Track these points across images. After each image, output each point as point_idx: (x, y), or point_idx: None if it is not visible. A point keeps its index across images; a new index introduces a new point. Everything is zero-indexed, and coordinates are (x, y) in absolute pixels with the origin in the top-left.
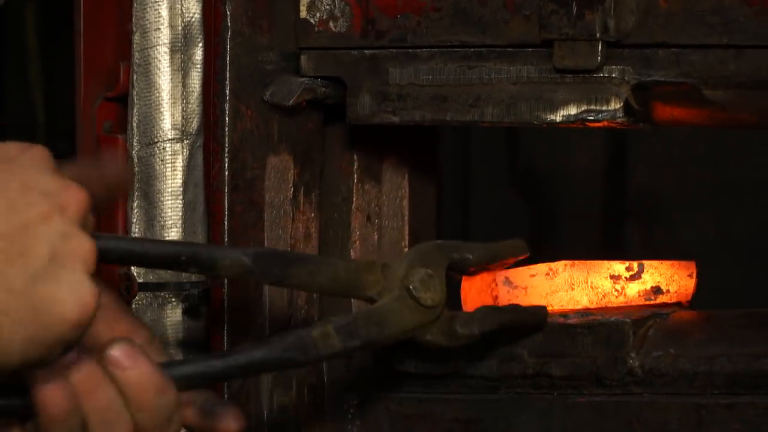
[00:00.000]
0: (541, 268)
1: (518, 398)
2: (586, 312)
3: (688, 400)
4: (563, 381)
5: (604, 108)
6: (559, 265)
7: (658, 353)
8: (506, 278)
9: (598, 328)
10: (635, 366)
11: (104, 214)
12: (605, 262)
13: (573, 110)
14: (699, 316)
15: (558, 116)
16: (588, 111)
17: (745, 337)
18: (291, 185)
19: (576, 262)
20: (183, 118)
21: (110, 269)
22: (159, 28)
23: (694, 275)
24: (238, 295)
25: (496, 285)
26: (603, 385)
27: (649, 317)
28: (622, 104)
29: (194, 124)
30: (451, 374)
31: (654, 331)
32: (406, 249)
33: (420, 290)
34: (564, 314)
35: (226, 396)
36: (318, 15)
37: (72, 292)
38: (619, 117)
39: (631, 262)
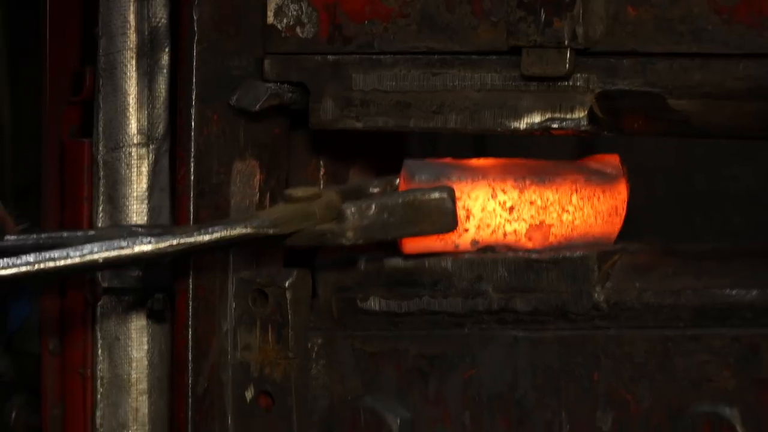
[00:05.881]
0: None
1: (484, 334)
2: (551, 247)
3: (654, 332)
4: (528, 316)
5: (568, 116)
6: None
7: (624, 287)
8: None
9: (563, 262)
10: (600, 300)
11: (69, 218)
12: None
13: (537, 118)
14: (664, 250)
15: (522, 124)
16: (552, 119)
17: (710, 270)
18: (257, 190)
19: None
20: (149, 122)
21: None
22: (125, 33)
23: None
24: (203, 300)
25: None
26: (568, 319)
27: (614, 252)
28: (586, 113)
29: (160, 128)
30: (416, 311)
31: (619, 265)
32: None
33: None
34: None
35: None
36: (285, 21)
37: None
38: (584, 125)
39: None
